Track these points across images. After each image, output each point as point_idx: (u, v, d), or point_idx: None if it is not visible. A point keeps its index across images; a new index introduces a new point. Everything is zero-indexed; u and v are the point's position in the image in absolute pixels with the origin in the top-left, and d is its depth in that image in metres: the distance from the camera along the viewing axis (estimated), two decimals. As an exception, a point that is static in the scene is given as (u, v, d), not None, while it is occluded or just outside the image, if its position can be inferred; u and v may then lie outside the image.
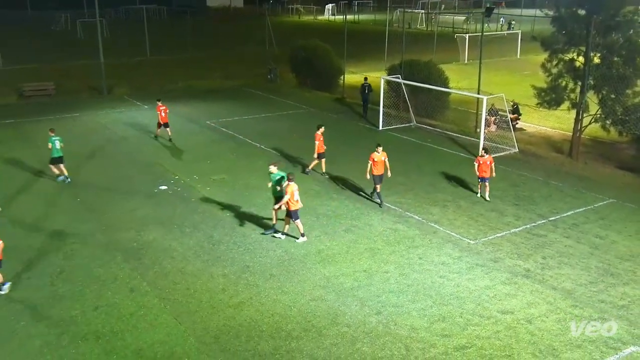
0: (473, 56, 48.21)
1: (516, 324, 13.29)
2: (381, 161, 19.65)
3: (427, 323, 13.30)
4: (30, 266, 15.66)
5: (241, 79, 43.84)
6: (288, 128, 30.28)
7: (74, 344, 12.47)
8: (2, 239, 17.10)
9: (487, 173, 20.21)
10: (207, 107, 35.00)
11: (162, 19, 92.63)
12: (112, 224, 18.32)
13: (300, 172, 22.92)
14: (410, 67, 32.40)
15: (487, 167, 20.19)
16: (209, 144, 27.24)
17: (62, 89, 38.04)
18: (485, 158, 20.32)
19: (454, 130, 29.63)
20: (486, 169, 20.19)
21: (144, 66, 49.16)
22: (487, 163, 20.18)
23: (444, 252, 16.67)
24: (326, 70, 40.23)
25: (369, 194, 20.61)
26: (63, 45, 61.33)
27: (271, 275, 15.34)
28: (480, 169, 20.26)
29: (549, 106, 26.12)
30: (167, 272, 15.46)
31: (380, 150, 19.70)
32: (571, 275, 15.47)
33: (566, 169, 24.21)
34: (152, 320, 13.34)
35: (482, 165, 20.20)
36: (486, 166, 20.17)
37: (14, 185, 21.58)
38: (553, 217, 19.12)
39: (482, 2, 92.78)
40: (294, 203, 16.74)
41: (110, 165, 24.02)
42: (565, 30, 25.61)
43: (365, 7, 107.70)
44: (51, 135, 21.85)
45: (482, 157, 20.40)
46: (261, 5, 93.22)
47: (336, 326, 13.14)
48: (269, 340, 12.63)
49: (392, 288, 14.76)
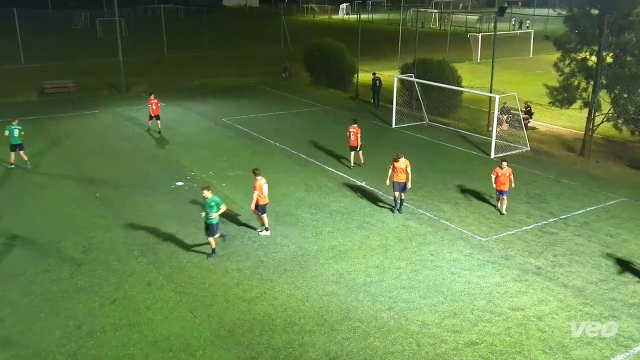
0: (486, 55, 47.98)
1: (527, 320, 13.22)
2: (401, 169, 18.54)
3: (438, 319, 13.27)
4: (50, 259, 15.81)
5: (256, 77, 43.94)
6: (302, 125, 30.30)
7: (92, 336, 12.59)
8: (23, 233, 17.37)
9: (505, 185, 18.63)
10: (223, 105, 35.10)
11: (179, 17, 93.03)
12: (130, 219, 18.44)
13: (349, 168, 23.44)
14: (423, 65, 32.27)
15: (507, 179, 18.62)
16: (224, 141, 27.33)
17: (82, 87, 38.34)
18: (505, 170, 18.62)
19: (466, 128, 29.50)
20: (505, 181, 18.60)
21: (161, 64, 49.41)
22: (507, 175, 18.62)
23: (456, 249, 16.61)
24: (340, 68, 40.24)
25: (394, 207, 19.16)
26: (83, 43, 61.79)
27: (285, 270, 15.38)
28: (498, 181, 18.66)
29: (561, 105, 25.94)
30: (183, 266, 15.55)
31: (402, 159, 18.55)
32: (582, 272, 15.36)
33: (578, 168, 24.02)
34: (168, 313, 13.43)
35: (500, 177, 18.61)
36: (505, 178, 18.59)
37: (35, 181, 21.80)
38: (564, 215, 18.98)
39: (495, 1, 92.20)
40: (262, 197, 16.93)
41: (128, 162, 24.17)
42: (578, 30, 25.40)
43: (379, 7, 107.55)
44: (12, 124, 22.95)
45: (501, 169, 18.64)
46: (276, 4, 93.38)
47: (348, 321, 13.16)
48: (282, 334, 12.67)
49: (403, 284, 14.74)
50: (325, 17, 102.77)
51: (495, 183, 18.75)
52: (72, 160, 24.22)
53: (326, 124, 30.83)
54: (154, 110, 27.93)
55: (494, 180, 18.77)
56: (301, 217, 18.70)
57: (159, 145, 26.52)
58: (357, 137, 23.02)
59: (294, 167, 23.57)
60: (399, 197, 18.86)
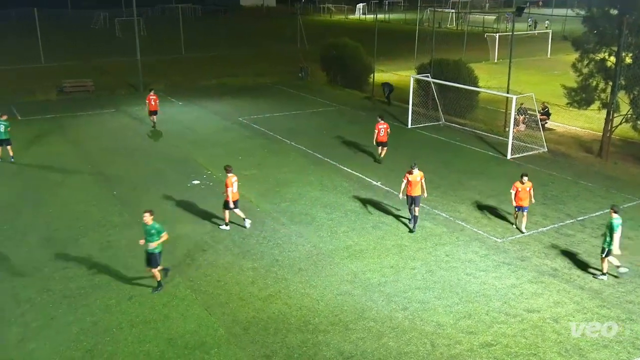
0: (503, 55, 47.65)
1: (542, 322, 13.11)
2: (416, 182, 17.43)
3: (453, 320, 13.20)
4: (68, 257, 15.97)
5: (273, 76, 44.03)
6: (318, 125, 30.31)
7: (109, 332, 12.69)
8: (42, 230, 17.57)
9: (525, 201, 17.33)
10: (239, 104, 35.22)
11: (197, 17, 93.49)
12: (147, 217, 18.54)
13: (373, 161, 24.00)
14: (439, 66, 32.12)
15: (527, 195, 17.31)
16: (241, 140, 27.42)
17: (101, 86, 38.68)
18: (525, 185, 17.26)
19: (482, 129, 29.32)
20: (525, 197, 17.29)
21: (179, 64, 49.69)
22: (527, 190, 17.29)
23: (471, 250, 16.52)
24: (356, 68, 40.20)
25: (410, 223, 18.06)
26: (102, 43, 62.33)
27: (299, 269, 15.39)
28: (517, 196, 17.33)
29: (579, 106, 25.70)
30: (199, 264, 15.63)
31: (415, 171, 17.47)
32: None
33: (595, 169, 23.77)
34: (183, 311, 13.50)
35: (520, 193, 17.27)
36: (525, 193, 17.27)
37: (53, 178, 22.03)
38: (581, 217, 18.79)
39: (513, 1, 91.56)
40: (233, 193, 17.25)
41: (145, 160, 24.34)
42: (597, 30, 25.14)
43: (396, 7, 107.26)
44: (2, 120, 23.58)
45: (521, 184, 17.28)
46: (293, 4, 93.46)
47: (363, 321, 13.14)
48: (296, 333, 12.68)
49: (418, 284, 14.68)
50: (342, 17, 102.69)
51: (515, 199, 17.40)
52: (90, 158, 24.44)
53: (342, 123, 30.80)
54: (152, 105, 28.56)
55: (513, 196, 17.41)
56: (316, 216, 18.70)
57: (176, 143, 26.66)
58: (387, 133, 23.54)
59: (309, 166, 23.58)
60: (414, 212, 17.66)
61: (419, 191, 17.52)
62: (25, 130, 28.49)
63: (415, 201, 17.50)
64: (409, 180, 17.43)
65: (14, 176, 22.18)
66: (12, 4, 65.38)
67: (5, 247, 16.39)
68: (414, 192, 17.47)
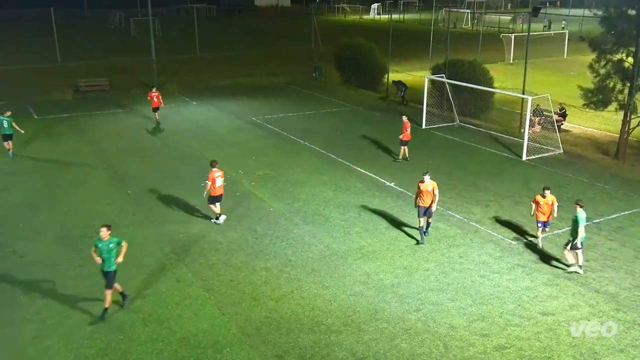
0: (519, 56, 47.34)
1: (557, 326, 13.02)
2: (427, 191, 16.58)
3: (467, 322, 13.14)
4: (82, 255, 16.07)
5: (287, 76, 44.10)
6: (332, 125, 30.30)
7: (122, 330, 12.78)
8: (58, 228, 17.73)
9: (547, 216, 16.34)
10: (253, 104, 35.31)
11: (212, 17, 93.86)
12: (161, 216, 18.68)
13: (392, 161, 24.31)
14: (454, 66, 32.01)
15: (549, 209, 16.26)
16: (254, 140, 27.49)
17: (116, 85, 38.95)
18: (547, 198, 16.20)
19: (497, 130, 29.16)
20: (547, 211, 16.24)
21: (193, 63, 49.92)
22: (549, 204, 16.21)
23: (485, 252, 16.43)
24: (370, 68, 40.15)
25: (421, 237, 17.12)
26: (117, 42, 62.77)
27: (312, 269, 15.40)
28: (539, 210, 16.27)
29: (596, 107, 25.49)
30: (212, 263, 15.69)
31: (427, 179, 16.63)
32: (615, 278, 15.05)
33: (612, 171, 23.55)
34: (196, 310, 13.56)
35: (542, 206, 16.21)
36: (547, 207, 16.22)
37: (69, 177, 22.22)
38: (597, 220, 18.63)
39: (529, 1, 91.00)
40: (213, 189, 17.45)
41: (159, 160, 24.48)
42: (615, 31, 24.90)
43: (411, 7, 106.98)
44: (5, 116, 24.29)
45: (543, 197, 16.24)
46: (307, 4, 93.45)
47: (375, 322, 13.12)
48: (309, 334, 12.69)
49: (432, 286, 14.63)
50: (357, 17, 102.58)
51: (536, 212, 16.40)
52: (105, 158, 24.62)
53: (356, 124, 30.78)
54: (154, 102, 29.13)
55: (534, 210, 16.43)
56: (330, 217, 18.70)
57: (190, 143, 26.77)
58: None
59: (323, 166, 23.59)
60: (424, 223, 16.88)
61: (429, 202, 16.56)
62: (41, 129, 28.80)
63: (427, 212, 16.70)
64: (421, 190, 16.56)
65: (30, 175, 22.40)
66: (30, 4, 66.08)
67: (21, 245, 16.57)
68: (425, 202, 16.54)
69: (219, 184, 17.64)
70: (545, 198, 16.19)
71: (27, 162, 23.86)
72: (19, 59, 49.10)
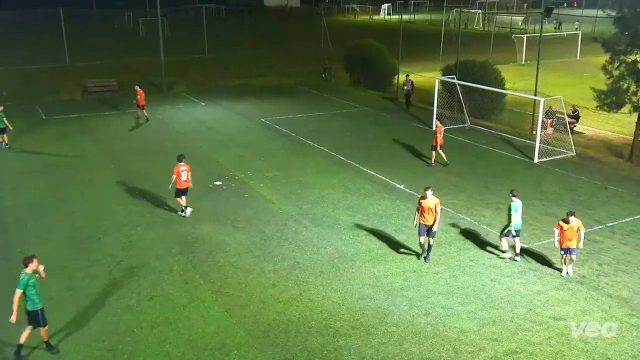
0: (531, 57, 47.16)
1: (569, 331, 12.93)
2: (429, 208, 15.52)
3: (477, 326, 13.08)
4: (90, 255, 16.18)
5: (296, 77, 44.15)
6: (341, 127, 30.29)
7: (130, 332, 12.82)
8: (66, 228, 17.82)
9: (573, 242, 14.96)
10: (262, 105, 35.36)
11: (221, 17, 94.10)
12: (168, 218, 18.74)
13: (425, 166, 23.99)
14: (465, 67, 31.92)
15: (574, 235, 14.92)
16: (263, 141, 27.52)
17: (125, 85, 39.07)
18: (572, 224, 14.88)
19: (509, 132, 29.04)
20: (572, 237, 14.91)
21: (202, 64, 50.08)
22: (575, 230, 14.91)
23: (496, 255, 16.35)
24: (380, 69, 40.12)
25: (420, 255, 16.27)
26: (126, 43, 63.08)
27: (321, 272, 15.39)
28: (563, 236, 14.96)
29: (609, 109, 25.31)
30: (220, 265, 15.71)
31: (429, 195, 15.56)
32: (628, 283, 14.94)
33: (626, 174, 23.39)
34: (204, 312, 13.58)
35: (566, 232, 14.91)
36: (572, 233, 14.88)
37: (78, 178, 22.33)
38: (610, 223, 18.50)
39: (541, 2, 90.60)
40: (179, 182, 18.06)
41: (167, 160, 24.39)
42: (629, 31, 24.74)
43: (422, 7, 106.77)
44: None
45: (566, 223, 14.96)
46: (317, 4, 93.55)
47: (384, 325, 13.09)
48: (317, 337, 12.68)
49: (441, 289, 14.58)
50: (367, 17, 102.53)
51: (559, 240, 15.10)
52: (113, 158, 24.74)
53: (365, 125, 30.76)
54: (139, 100, 30.15)
55: (557, 237, 15.14)
56: (339, 219, 18.69)
57: (199, 144, 26.84)
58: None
59: (332, 168, 23.58)
60: (425, 243, 15.86)
61: (431, 220, 15.52)
62: (50, 130, 28.99)
63: (429, 231, 15.69)
64: (422, 207, 15.55)
65: (38, 175, 22.54)
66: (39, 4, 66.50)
67: (30, 245, 16.65)
68: (427, 220, 15.52)
69: (184, 177, 18.26)
70: (570, 224, 14.85)
71: (36, 162, 24.02)
72: (28, 59, 49.46)
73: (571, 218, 14.89)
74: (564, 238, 14.96)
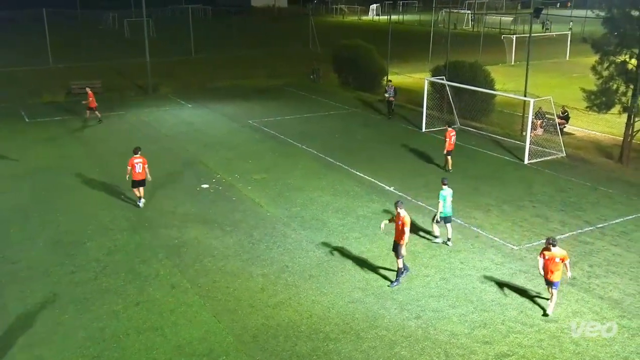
0: (520, 57, 47.49)
1: (560, 333, 13.01)
2: (397, 225, 14.84)
3: (468, 329, 13.14)
4: (75, 261, 16.07)
5: (284, 78, 44.15)
6: (330, 128, 30.31)
7: (116, 338, 12.74)
8: (50, 233, 17.70)
9: (555, 275, 13.48)
10: (249, 107, 35.32)
11: (207, 18, 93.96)
12: (155, 221, 18.66)
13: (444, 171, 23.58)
14: (455, 68, 32.07)
15: (557, 267, 13.45)
16: (251, 144, 27.48)
17: (109, 87, 38.93)
18: (555, 253, 13.45)
19: (499, 133, 29.20)
20: (555, 269, 13.44)
21: (188, 65, 49.95)
22: (556, 261, 13.45)
23: (486, 257, 16.43)
24: (369, 70, 40.18)
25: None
26: (110, 44, 62.78)
27: (310, 276, 15.39)
28: (546, 267, 13.62)
29: (599, 110, 25.51)
30: (208, 270, 15.67)
31: (400, 207, 14.81)
32: (619, 284, 15.06)
33: (616, 175, 23.59)
34: (191, 318, 13.53)
35: (548, 263, 13.55)
36: (555, 265, 13.45)
37: (62, 182, 22.19)
38: (601, 224, 18.65)
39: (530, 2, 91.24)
40: (134, 174, 19.21)
41: (154, 163, 24.27)
42: (618, 32, 24.96)
43: (410, 7, 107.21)
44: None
45: (548, 251, 13.54)
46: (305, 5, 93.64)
47: (375, 329, 13.10)
48: (307, 342, 12.67)
49: (432, 292, 14.63)
50: (355, 17, 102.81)
51: (543, 270, 13.78)
52: (98, 161, 24.61)
53: (354, 127, 30.80)
54: (91, 102, 30.22)
55: (540, 265, 13.79)
56: (328, 222, 18.70)
57: (185, 146, 26.77)
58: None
59: (321, 170, 23.60)
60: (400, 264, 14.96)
61: (400, 237, 14.71)
62: (33, 133, 28.80)
63: (394, 247, 15.03)
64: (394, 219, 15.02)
65: (21, 179, 22.37)
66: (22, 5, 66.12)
67: (13, 250, 16.53)
68: (396, 236, 14.91)
69: (139, 170, 19.21)
70: (552, 251, 13.49)
71: (19, 166, 23.83)
72: (10, 60, 49.05)
73: (552, 248, 13.47)
74: (546, 269, 13.59)
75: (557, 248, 13.51)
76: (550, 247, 13.48)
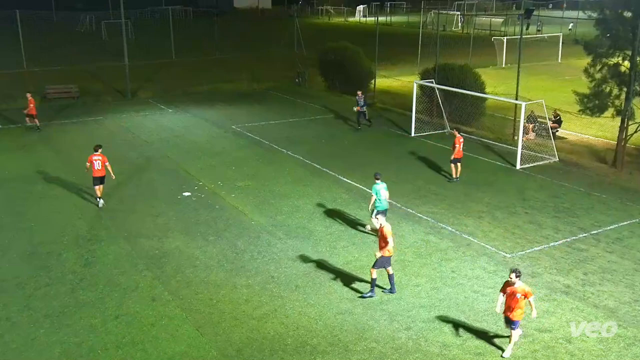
0: (511, 60, 47.87)
1: (555, 343, 13.08)
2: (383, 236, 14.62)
3: (460, 340, 13.17)
4: (51, 273, 15.92)
5: (268, 82, 44.19)
6: (316, 133, 30.36)
7: (94, 353, 12.63)
8: (23, 244, 17.53)
9: (515, 313, 12.26)
10: (233, 111, 35.30)
11: (188, 20, 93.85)
12: (135, 231, 18.55)
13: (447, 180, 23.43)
14: (444, 71, 32.26)
15: (515, 303, 12.18)
16: (234, 150, 27.45)
17: (86, 92, 38.73)
18: (516, 287, 12.23)
19: (490, 137, 29.38)
20: (515, 305, 12.21)
21: (169, 68, 49.84)
22: (517, 297, 12.16)
23: (478, 266, 16.50)
24: (356, 73, 40.22)
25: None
26: (87, 47, 62.46)
27: (297, 286, 15.36)
28: (507, 302, 12.46)
29: (592, 113, 25.73)
30: (190, 281, 15.59)
31: (387, 227, 14.65)
32: (614, 292, 15.18)
33: (610, 180, 23.81)
34: (173, 331, 13.45)
35: (508, 298, 12.39)
36: (515, 301, 12.21)
37: (36, 190, 22.01)
38: (595, 231, 18.81)
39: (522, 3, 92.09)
40: (94, 171, 19.95)
41: (133, 171, 24.34)
42: (610, 33, 25.24)
43: (398, 9, 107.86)
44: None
45: (510, 285, 12.37)
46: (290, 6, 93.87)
47: (364, 341, 13.10)
48: (293, 355, 12.63)
49: (423, 302, 14.66)
50: (341, 19, 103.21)
51: (504, 305, 12.59)
52: (75, 169, 24.36)
53: (341, 132, 30.87)
54: (31, 109, 29.83)
55: (500, 300, 12.70)
56: (314, 230, 18.70)
57: (166, 153, 26.67)
58: None
59: (307, 177, 23.61)
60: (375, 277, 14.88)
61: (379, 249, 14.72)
62: (6, 140, 28.55)
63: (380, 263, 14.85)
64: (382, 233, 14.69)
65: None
66: (-7, 6, 65.67)
67: (-16, 263, 16.37)
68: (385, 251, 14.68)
69: (98, 167, 19.92)
70: (514, 286, 12.26)
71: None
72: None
73: (513, 276, 12.23)
74: (506, 303, 12.48)
75: (520, 282, 12.26)
76: (512, 279, 12.22)
